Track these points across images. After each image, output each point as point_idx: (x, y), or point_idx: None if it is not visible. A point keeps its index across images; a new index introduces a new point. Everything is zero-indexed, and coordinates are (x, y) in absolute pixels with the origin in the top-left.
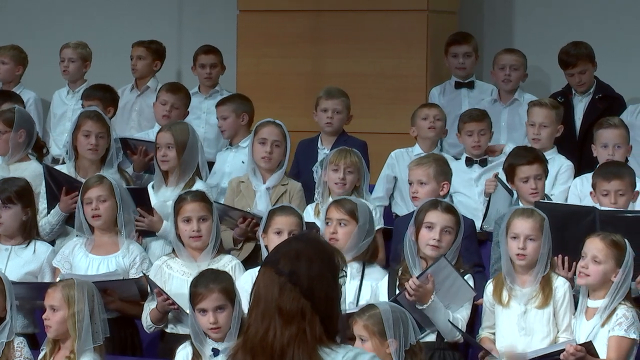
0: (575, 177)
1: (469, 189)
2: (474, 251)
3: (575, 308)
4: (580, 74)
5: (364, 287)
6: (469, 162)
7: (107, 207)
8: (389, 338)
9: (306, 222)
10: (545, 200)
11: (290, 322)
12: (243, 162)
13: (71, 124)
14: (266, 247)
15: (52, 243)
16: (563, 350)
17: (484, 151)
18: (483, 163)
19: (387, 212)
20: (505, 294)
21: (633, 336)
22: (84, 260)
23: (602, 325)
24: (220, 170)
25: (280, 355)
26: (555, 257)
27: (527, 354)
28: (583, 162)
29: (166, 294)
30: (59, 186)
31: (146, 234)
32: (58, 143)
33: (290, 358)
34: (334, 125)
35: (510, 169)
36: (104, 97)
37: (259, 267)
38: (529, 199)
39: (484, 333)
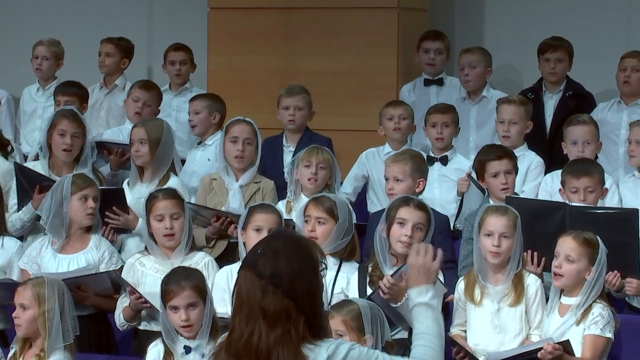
0: (545, 174)
1: (429, 190)
2: (448, 247)
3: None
4: (557, 62)
5: (339, 279)
6: (430, 161)
7: (96, 207)
8: (367, 333)
9: (287, 219)
10: (515, 196)
11: (275, 324)
12: (209, 159)
13: (46, 121)
14: (244, 244)
15: (21, 238)
16: (540, 348)
17: (445, 146)
18: (444, 161)
19: (362, 211)
20: (477, 292)
21: (608, 335)
22: (53, 260)
23: (577, 323)
24: (190, 169)
25: (266, 357)
26: (525, 253)
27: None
28: (553, 159)
29: (138, 292)
30: (31, 184)
31: (121, 231)
32: (28, 140)
33: (275, 359)
34: (297, 122)
35: (480, 166)
36: (79, 93)
37: (235, 265)
38: (500, 195)
39: (455, 330)
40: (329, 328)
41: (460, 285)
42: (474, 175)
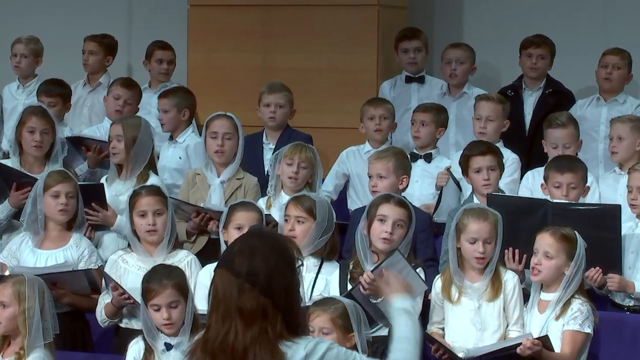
0: (524, 171)
1: (410, 186)
2: (430, 245)
3: (526, 301)
4: (539, 58)
5: (318, 281)
6: (414, 158)
7: (73, 203)
8: (355, 332)
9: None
10: (497, 193)
11: (252, 322)
12: (180, 157)
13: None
14: (226, 242)
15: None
16: (519, 344)
17: (423, 145)
18: (427, 158)
19: (343, 208)
20: (454, 291)
21: (587, 330)
22: (32, 255)
23: (557, 318)
24: (161, 165)
25: (242, 356)
26: (506, 250)
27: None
28: (533, 157)
29: (122, 288)
30: (9, 181)
31: (98, 227)
32: (9, 138)
33: (252, 357)
34: (277, 119)
35: (464, 160)
36: (63, 92)
37: (216, 266)
38: (481, 190)
39: (432, 328)
40: (307, 325)
41: (437, 283)
42: (457, 169)
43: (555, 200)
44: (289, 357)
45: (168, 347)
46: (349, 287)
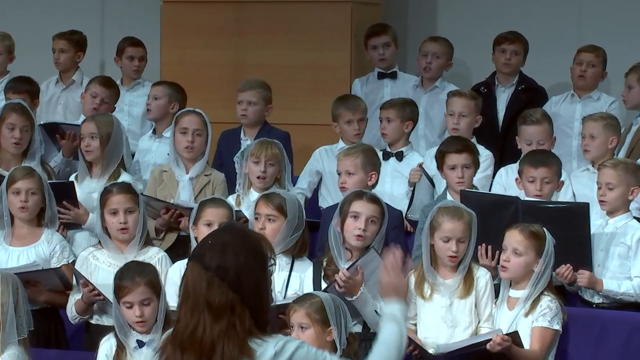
0: (498, 167)
1: (381, 184)
2: (402, 242)
3: (497, 297)
4: (512, 53)
5: (292, 279)
6: (386, 156)
7: (35, 200)
8: (332, 326)
9: (237, 210)
10: (471, 190)
11: (220, 316)
12: (168, 154)
13: None
14: (196, 239)
15: None
16: (489, 340)
17: (393, 140)
18: (399, 157)
19: (314, 206)
20: (427, 287)
21: (556, 327)
22: (3, 252)
23: (526, 315)
24: (144, 161)
25: (210, 350)
26: (479, 247)
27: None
28: (506, 153)
29: (92, 284)
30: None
31: (71, 226)
32: None
33: (220, 352)
34: (249, 117)
35: (440, 156)
36: (31, 89)
37: (188, 259)
38: (455, 188)
39: None
40: (276, 323)
41: (411, 278)
42: (432, 165)
43: (525, 198)
44: (259, 354)
45: (140, 344)
46: (323, 284)
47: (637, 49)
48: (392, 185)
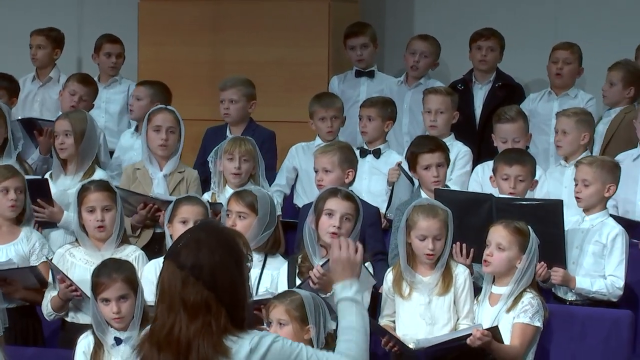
0: (474, 164)
1: (359, 181)
2: (379, 239)
3: (477, 294)
4: (488, 50)
5: (264, 276)
6: (363, 153)
7: (22, 198)
8: (310, 324)
9: (212, 203)
10: (444, 188)
11: (196, 315)
12: None
13: None
14: (171, 236)
15: None
16: (469, 335)
17: (372, 138)
18: (376, 154)
19: (290, 204)
20: (405, 286)
21: (537, 324)
22: None
23: (507, 311)
24: (127, 156)
25: (186, 349)
26: (454, 244)
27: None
28: (483, 150)
29: (70, 280)
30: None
31: (46, 224)
32: None
33: (196, 351)
34: (231, 115)
35: (412, 157)
36: (10, 87)
37: (164, 258)
38: (430, 187)
39: (383, 321)
40: (253, 320)
41: (389, 276)
42: (405, 165)
43: (499, 195)
44: (234, 352)
45: (118, 341)
46: (298, 281)
47: (614, 45)
48: (370, 182)
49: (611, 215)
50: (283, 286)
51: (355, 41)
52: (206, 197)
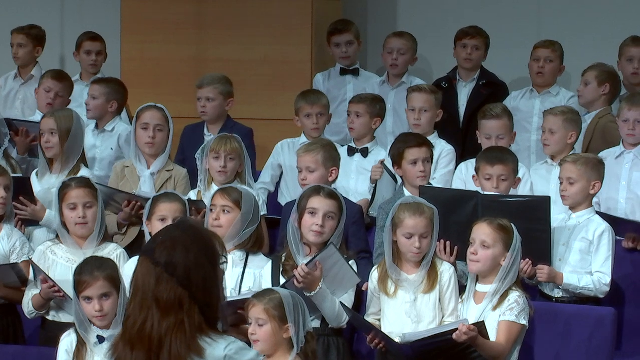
0: (458, 162)
1: (346, 180)
2: (362, 237)
3: (461, 292)
4: (474, 48)
5: (246, 275)
6: (351, 152)
7: (7, 197)
8: (290, 322)
9: (194, 201)
10: (429, 186)
11: (168, 312)
12: (112, 148)
13: None
14: (150, 234)
15: None
16: (455, 330)
17: (360, 135)
18: (364, 153)
19: (274, 202)
20: (390, 284)
21: (523, 322)
22: None
23: (494, 309)
24: (91, 155)
25: (158, 346)
26: (438, 242)
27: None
28: (467, 148)
29: (52, 280)
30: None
31: (29, 222)
32: None
33: (168, 348)
34: (209, 113)
35: (398, 153)
36: None
37: (139, 254)
38: (416, 182)
39: (369, 319)
40: (228, 322)
41: (374, 274)
42: (388, 163)
43: (485, 193)
44: (208, 354)
45: (100, 339)
46: (282, 280)
47: (596, 43)
48: (358, 181)
49: (597, 213)
50: (267, 285)
51: (341, 38)
52: (192, 194)
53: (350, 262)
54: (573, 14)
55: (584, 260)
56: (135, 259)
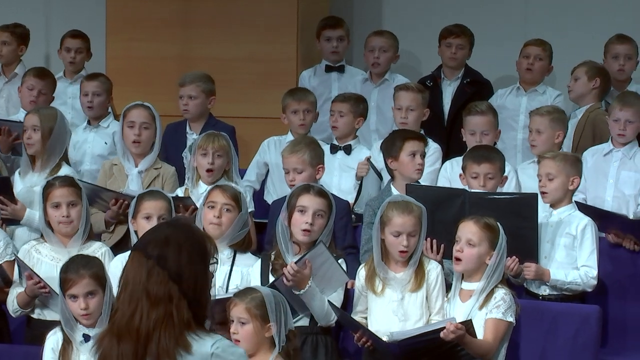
0: (444, 161)
1: (329, 177)
2: (349, 232)
3: (448, 290)
4: (458, 48)
5: (234, 273)
6: (334, 149)
7: None
8: (272, 322)
9: (182, 197)
10: (416, 184)
11: (157, 305)
12: (106, 142)
13: None
14: (136, 232)
15: None
16: (443, 328)
17: (343, 134)
18: (347, 150)
19: (260, 200)
20: (378, 282)
21: (510, 319)
22: None
23: (480, 307)
24: (81, 151)
25: (145, 339)
26: (425, 240)
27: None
28: (451, 146)
29: (38, 276)
30: None
31: (10, 221)
32: None
33: (156, 341)
34: (191, 111)
35: (398, 144)
36: None
37: (129, 252)
38: (413, 175)
39: (356, 317)
40: (215, 321)
41: (362, 273)
42: (374, 160)
43: (472, 190)
44: (194, 349)
45: (86, 338)
46: (270, 277)
47: (581, 43)
48: (340, 178)
49: (577, 204)
50: (255, 283)
51: (333, 33)
52: (179, 191)
53: (340, 261)
54: (559, 12)
55: (570, 256)
56: (120, 257)
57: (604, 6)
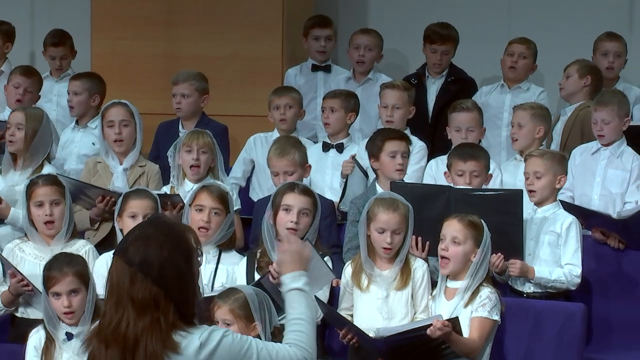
0: (428, 159)
1: (321, 176)
2: (334, 231)
3: (433, 287)
4: (443, 54)
5: (219, 272)
6: (326, 147)
7: None
8: (256, 320)
9: (169, 195)
10: (401, 182)
11: (144, 312)
12: (94, 143)
13: None
14: (121, 230)
15: None
16: (429, 325)
17: (335, 130)
18: (339, 148)
19: (245, 198)
20: (364, 278)
21: (495, 318)
22: None
23: (466, 305)
24: (68, 150)
25: (133, 345)
26: (410, 238)
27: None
28: (436, 144)
29: (21, 274)
30: None
31: None
32: None
33: (143, 347)
34: (183, 110)
35: (378, 144)
36: None
37: (113, 254)
38: (393, 175)
39: (341, 314)
40: (206, 316)
41: (348, 269)
42: (359, 158)
43: (457, 187)
44: (183, 347)
45: (69, 336)
46: (256, 275)
47: (565, 41)
48: (332, 177)
49: (562, 203)
50: (241, 281)
51: (322, 32)
52: (165, 189)
53: (325, 259)
54: (544, 10)
55: (554, 254)
56: (105, 256)
57: (588, 4)
